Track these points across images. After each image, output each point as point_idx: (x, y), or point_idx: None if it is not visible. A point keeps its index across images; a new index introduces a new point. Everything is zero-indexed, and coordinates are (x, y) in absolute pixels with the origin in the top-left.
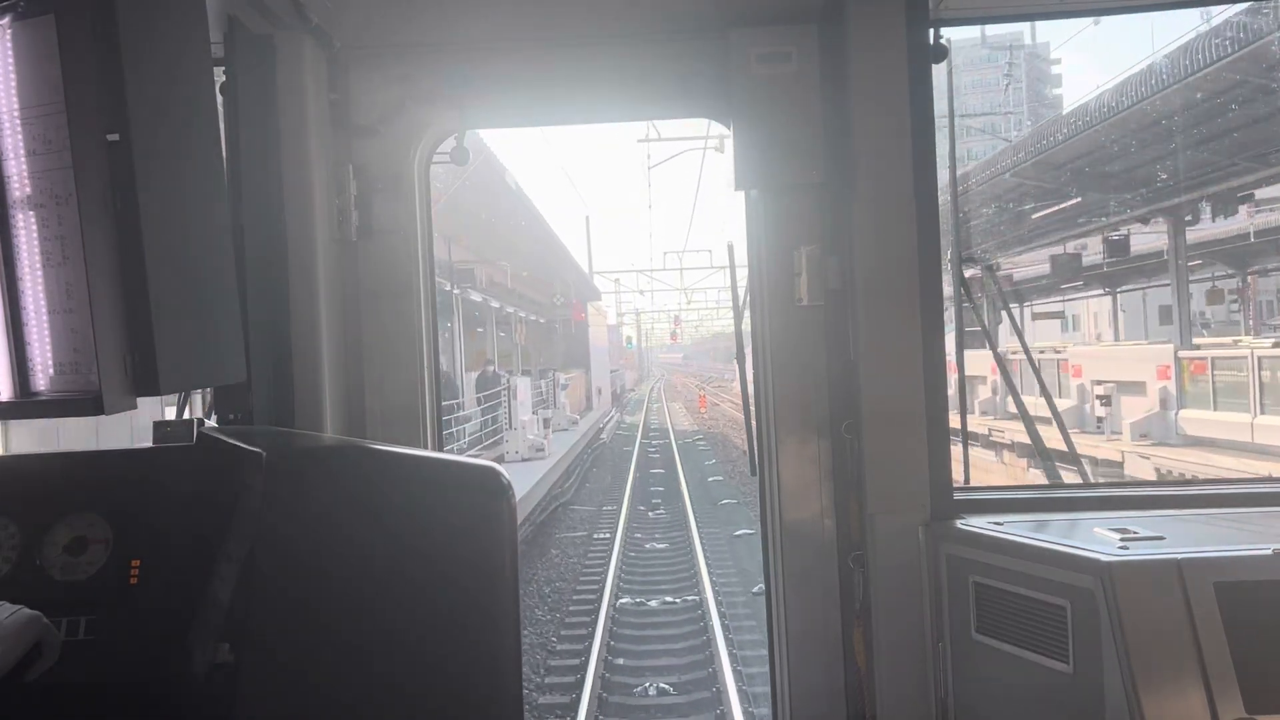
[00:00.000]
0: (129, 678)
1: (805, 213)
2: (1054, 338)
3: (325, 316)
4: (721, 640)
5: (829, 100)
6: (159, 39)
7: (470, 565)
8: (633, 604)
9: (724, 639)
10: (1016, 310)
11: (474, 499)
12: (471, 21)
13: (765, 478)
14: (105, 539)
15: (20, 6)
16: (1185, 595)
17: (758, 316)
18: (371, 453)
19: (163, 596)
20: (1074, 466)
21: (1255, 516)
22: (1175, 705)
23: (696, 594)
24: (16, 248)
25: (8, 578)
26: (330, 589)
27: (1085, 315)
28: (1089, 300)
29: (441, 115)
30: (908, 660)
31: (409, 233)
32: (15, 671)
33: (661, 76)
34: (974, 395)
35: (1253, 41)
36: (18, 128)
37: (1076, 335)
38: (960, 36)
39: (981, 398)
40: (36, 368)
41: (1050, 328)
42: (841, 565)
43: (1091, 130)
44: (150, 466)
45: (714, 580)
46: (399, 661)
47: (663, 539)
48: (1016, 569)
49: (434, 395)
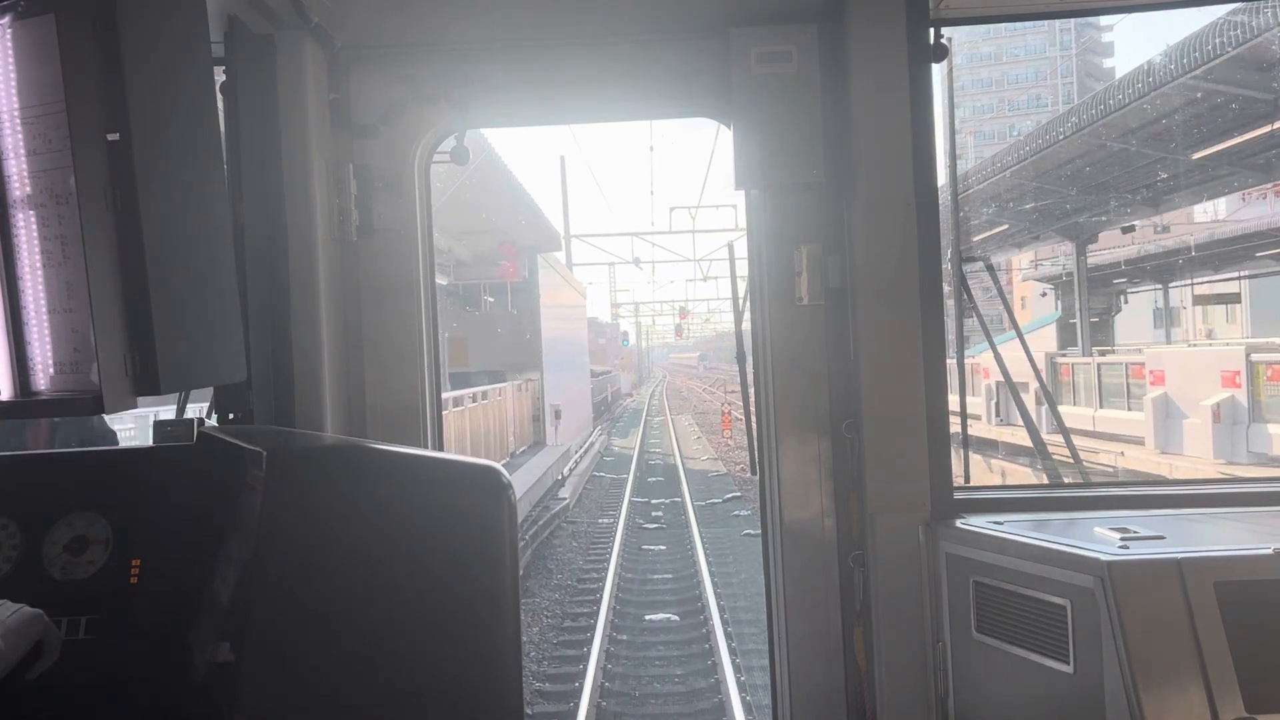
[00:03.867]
0: (129, 678)
1: (805, 212)
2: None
3: (325, 316)
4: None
5: (829, 100)
6: (159, 39)
7: (470, 564)
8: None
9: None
10: (1159, 292)
11: (474, 498)
12: (472, 21)
13: (766, 477)
14: (105, 539)
15: (20, 6)
16: (1185, 595)
17: (758, 316)
18: (371, 452)
19: (163, 596)
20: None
21: (1255, 516)
22: (1175, 705)
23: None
24: (16, 247)
25: (8, 577)
26: (330, 588)
27: (1187, 306)
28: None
29: (442, 115)
30: (908, 660)
31: (409, 232)
32: (16, 670)
33: (661, 76)
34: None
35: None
36: (18, 127)
37: (1166, 332)
38: None
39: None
40: (37, 367)
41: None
42: (841, 565)
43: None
44: (150, 466)
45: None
46: (399, 660)
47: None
48: (1017, 569)
49: (434, 395)
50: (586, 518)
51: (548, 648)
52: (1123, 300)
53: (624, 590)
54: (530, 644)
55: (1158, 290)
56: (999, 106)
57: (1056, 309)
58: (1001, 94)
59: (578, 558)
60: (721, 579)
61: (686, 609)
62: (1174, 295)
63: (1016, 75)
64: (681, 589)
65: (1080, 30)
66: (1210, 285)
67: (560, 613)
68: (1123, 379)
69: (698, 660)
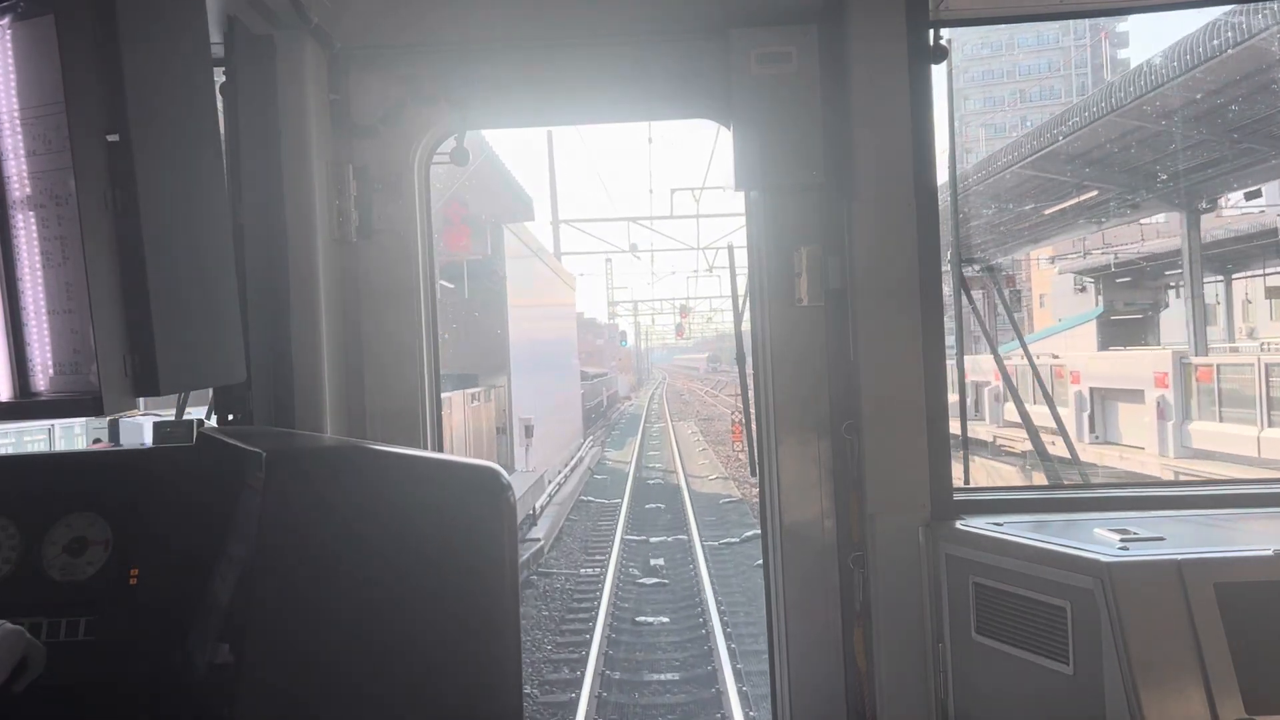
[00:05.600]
0: (129, 678)
1: (805, 213)
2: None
3: (325, 316)
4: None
5: (829, 100)
6: (159, 39)
7: (470, 565)
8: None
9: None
10: (1220, 285)
11: (474, 499)
12: (472, 22)
13: (765, 478)
14: (105, 539)
15: (20, 6)
16: (1185, 596)
17: (758, 316)
18: (371, 453)
19: (162, 597)
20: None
21: (1255, 516)
22: (1175, 706)
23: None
24: (16, 248)
25: (8, 578)
26: (330, 589)
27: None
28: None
29: (441, 115)
30: (908, 661)
31: (409, 233)
32: (4, 685)
33: (661, 77)
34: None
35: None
36: (18, 128)
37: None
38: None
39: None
40: (36, 368)
41: None
42: (841, 566)
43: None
44: (150, 466)
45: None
46: (399, 661)
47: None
48: (1017, 570)
49: (434, 396)
50: (565, 567)
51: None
52: (1174, 294)
53: (611, 712)
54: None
55: (1219, 282)
56: (1015, 96)
57: (1097, 304)
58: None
59: (546, 639)
60: (758, 678)
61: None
62: (1220, 289)
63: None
64: (695, 706)
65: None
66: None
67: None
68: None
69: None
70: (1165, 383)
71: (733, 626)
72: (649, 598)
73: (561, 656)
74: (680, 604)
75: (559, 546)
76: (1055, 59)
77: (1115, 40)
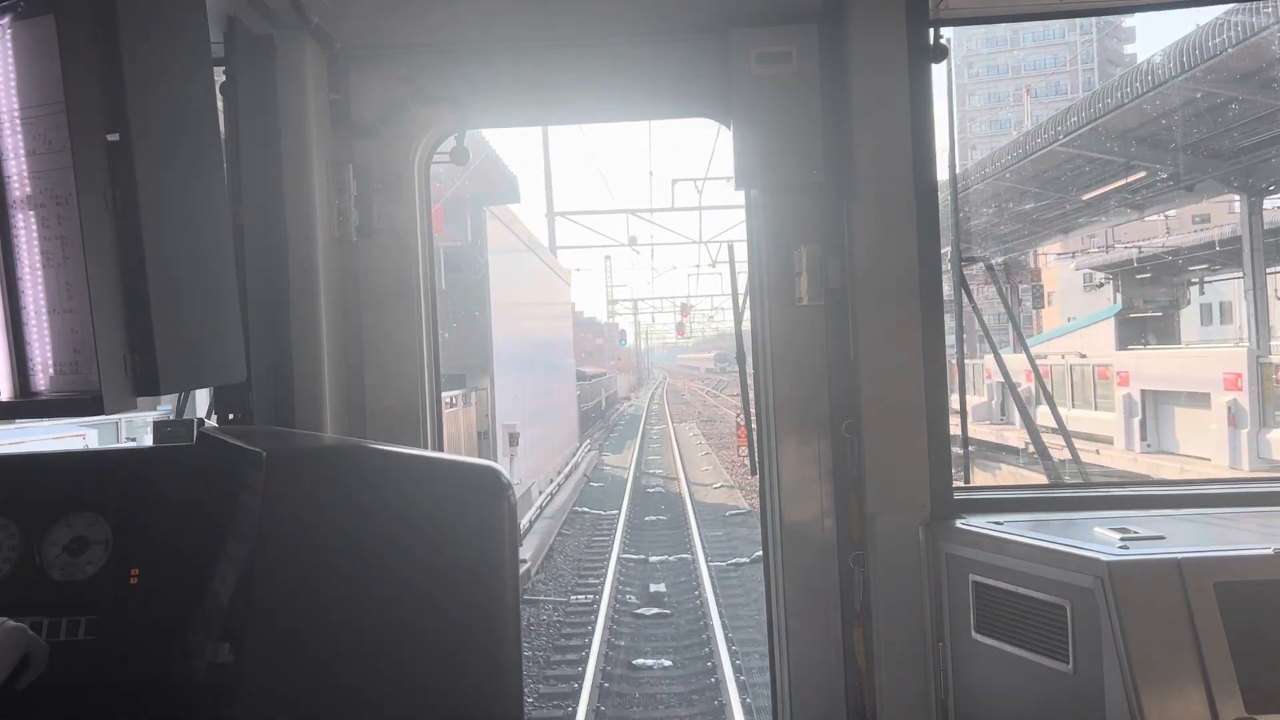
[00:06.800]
0: (129, 678)
1: (805, 212)
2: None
3: (325, 316)
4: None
5: (829, 100)
6: (159, 39)
7: (470, 565)
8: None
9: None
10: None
11: (474, 499)
12: (471, 21)
13: (765, 477)
14: (105, 539)
15: (20, 6)
16: (1185, 595)
17: (758, 316)
18: (371, 452)
19: (163, 596)
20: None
21: (1255, 516)
22: (1175, 705)
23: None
24: (16, 248)
25: (8, 578)
26: (330, 589)
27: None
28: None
29: (441, 115)
30: (908, 660)
31: (409, 232)
32: (6, 682)
33: (661, 76)
34: None
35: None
36: (18, 128)
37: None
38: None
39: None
40: (36, 368)
41: None
42: (841, 565)
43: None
44: (150, 466)
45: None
46: (399, 661)
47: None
48: (1017, 569)
49: (434, 395)
50: (554, 593)
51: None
52: (1197, 291)
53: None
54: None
55: (1236, 279)
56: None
57: (1115, 300)
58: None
59: (527, 688)
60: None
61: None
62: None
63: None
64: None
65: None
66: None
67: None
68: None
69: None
70: (1238, 385)
71: (747, 674)
72: (648, 632)
73: (542, 714)
74: (685, 642)
75: (548, 568)
76: (1061, 54)
77: (1123, 36)
